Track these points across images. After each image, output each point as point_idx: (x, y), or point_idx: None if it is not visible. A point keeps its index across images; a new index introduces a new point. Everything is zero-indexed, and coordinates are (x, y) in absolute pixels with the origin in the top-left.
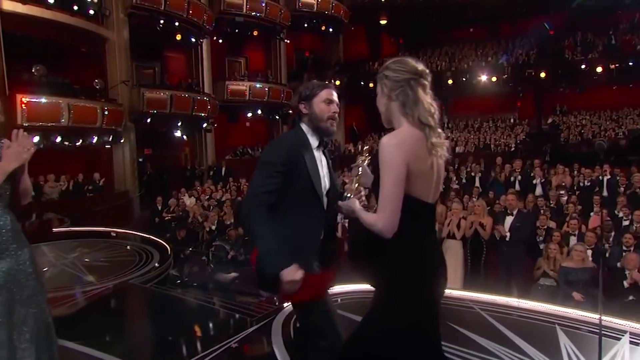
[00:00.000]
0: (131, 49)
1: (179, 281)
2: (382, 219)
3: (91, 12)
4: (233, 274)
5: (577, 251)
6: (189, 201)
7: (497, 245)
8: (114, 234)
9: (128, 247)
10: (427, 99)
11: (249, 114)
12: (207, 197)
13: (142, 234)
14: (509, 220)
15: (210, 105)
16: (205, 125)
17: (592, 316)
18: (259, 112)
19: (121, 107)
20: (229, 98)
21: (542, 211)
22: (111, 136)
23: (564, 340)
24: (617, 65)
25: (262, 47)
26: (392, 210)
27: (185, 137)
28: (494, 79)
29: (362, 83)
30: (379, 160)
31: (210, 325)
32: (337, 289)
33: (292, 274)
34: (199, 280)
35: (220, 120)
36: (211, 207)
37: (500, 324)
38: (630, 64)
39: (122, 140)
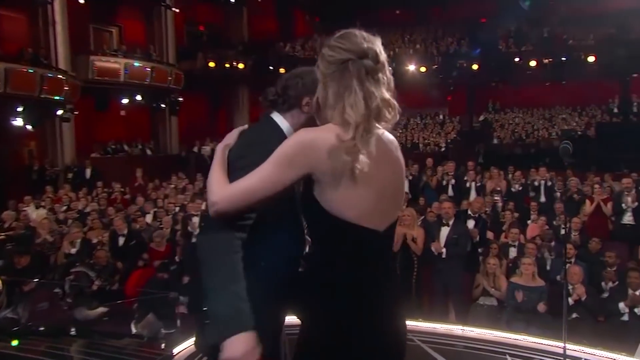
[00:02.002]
0: None
1: (16, 327)
2: (221, 196)
3: None
4: (100, 310)
5: (525, 265)
6: (35, 213)
7: (430, 260)
8: None
9: None
10: (371, 88)
11: (125, 100)
12: (64, 207)
13: None
14: (444, 231)
15: (69, 85)
16: (60, 112)
17: (547, 343)
18: (139, 98)
19: None
20: (96, 78)
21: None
22: None
23: None
24: (550, 60)
25: (141, 15)
26: (236, 199)
27: (30, 127)
28: (422, 69)
29: (271, 67)
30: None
31: None
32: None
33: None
34: (49, 321)
35: (83, 106)
36: (69, 222)
37: (444, 357)
38: (563, 59)
39: None
